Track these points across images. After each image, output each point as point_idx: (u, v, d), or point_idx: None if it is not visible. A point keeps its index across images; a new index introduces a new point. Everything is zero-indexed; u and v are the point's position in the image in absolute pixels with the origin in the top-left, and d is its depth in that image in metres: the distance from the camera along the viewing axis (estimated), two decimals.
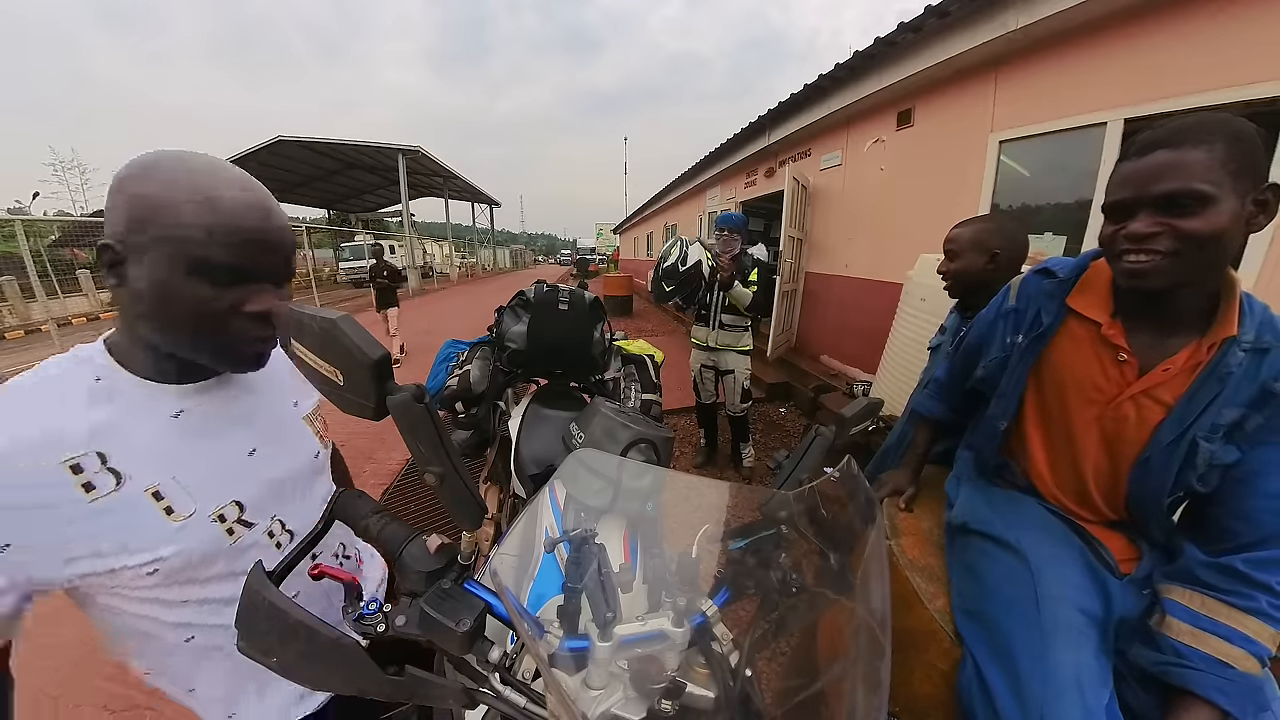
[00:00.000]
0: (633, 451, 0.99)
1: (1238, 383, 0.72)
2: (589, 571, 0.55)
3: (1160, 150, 0.68)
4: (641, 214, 17.79)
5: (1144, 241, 0.70)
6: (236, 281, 0.56)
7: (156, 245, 0.52)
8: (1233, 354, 0.72)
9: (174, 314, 0.54)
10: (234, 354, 0.60)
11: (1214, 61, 2.06)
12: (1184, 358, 0.75)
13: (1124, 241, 0.72)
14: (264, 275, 0.58)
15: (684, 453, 3.53)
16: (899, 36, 3.41)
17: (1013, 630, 0.79)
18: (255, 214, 0.56)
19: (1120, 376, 0.81)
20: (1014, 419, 0.97)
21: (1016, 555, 0.87)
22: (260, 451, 0.66)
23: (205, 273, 0.53)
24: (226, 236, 0.53)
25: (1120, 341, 0.81)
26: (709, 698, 0.54)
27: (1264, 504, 0.71)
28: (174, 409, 0.59)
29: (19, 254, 4.78)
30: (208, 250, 0.52)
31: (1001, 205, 3.18)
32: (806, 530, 0.68)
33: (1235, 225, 0.66)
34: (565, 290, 1.63)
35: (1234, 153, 0.65)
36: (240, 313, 0.56)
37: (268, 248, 0.57)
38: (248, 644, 0.46)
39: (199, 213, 0.52)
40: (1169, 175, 0.67)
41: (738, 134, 6.39)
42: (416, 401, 0.46)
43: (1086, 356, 0.86)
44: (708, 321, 2.91)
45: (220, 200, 0.53)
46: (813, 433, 0.78)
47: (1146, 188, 0.69)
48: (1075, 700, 0.70)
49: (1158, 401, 0.78)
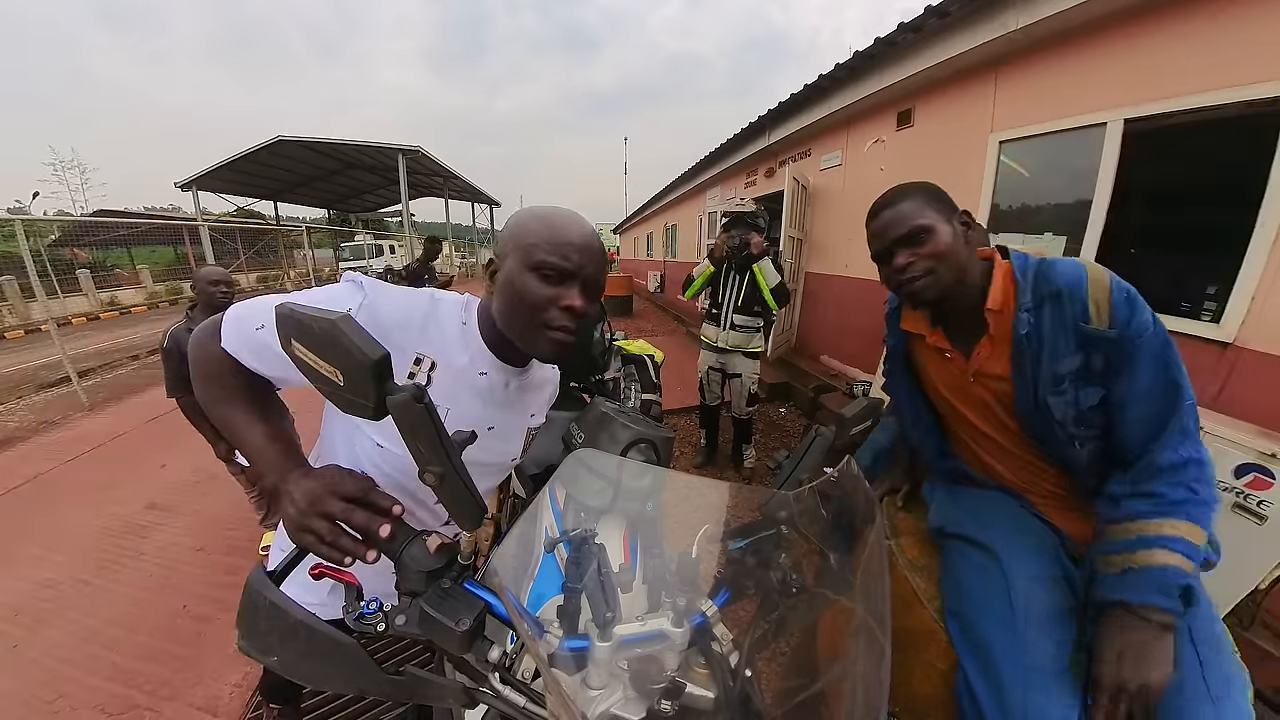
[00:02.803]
0: (633, 451, 0.99)
1: (1052, 335, 0.82)
2: (589, 571, 0.54)
3: (885, 210, 0.90)
4: (641, 214, 17.78)
5: (906, 271, 0.87)
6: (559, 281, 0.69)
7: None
8: (1018, 319, 0.84)
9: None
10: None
11: (1214, 61, 2.06)
12: (985, 342, 0.90)
13: (895, 275, 0.90)
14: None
15: (684, 453, 3.53)
16: (899, 36, 3.41)
17: (988, 628, 0.82)
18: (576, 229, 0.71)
19: (960, 369, 0.96)
20: (928, 423, 1.10)
21: (989, 554, 0.90)
22: (493, 431, 0.82)
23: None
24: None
25: (942, 344, 0.97)
26: (709, 698, 0.54)
27: (1134, 428, 0.79)
28: (483, 369, 0.77)
29: (19, 254, 4.76)
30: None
31: (1001, 205, 3.17)
32: (806, 530, 0.68)
33: (957, 239, 0.86)
34: None
35: (928, 195, 0.88)
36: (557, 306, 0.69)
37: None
38: (248, 643, 0.46)
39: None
40: (898, 223, 0.87)
41: (738, 134, 6.38)
42: (416, 401, 0.46)
43: (934, 362, 1.02)
44: (718, 321, 2.89)
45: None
46: (813, 433, 0.78)
47: (889, 234, 0.89)
48: (1051, 693, 0.71)
49: (993, 376, 0.91)
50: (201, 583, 2.26)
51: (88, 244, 15.51)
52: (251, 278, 16.39)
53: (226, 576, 2.29)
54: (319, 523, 0.54)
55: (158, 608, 2.10)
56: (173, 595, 2.17)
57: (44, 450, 3.89)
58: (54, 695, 1.68)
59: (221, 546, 2.53)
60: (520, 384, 0.85)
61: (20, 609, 2.11)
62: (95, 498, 3.09)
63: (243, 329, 0.65)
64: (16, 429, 4.41)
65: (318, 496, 0.55)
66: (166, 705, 1.64)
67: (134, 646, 1.89)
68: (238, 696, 1.67)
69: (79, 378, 5.09)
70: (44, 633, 1.97)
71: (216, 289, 2.16)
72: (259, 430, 0.66)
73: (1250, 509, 1.24)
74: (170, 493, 3.07)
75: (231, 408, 0.67)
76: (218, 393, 0.68)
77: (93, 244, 16.06)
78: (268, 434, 0.66)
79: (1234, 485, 1.26)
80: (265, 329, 0.63)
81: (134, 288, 15.58)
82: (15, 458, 3.77)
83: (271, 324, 0.61)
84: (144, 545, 2.57)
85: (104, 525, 2.76)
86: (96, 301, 13.02)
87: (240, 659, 1.78)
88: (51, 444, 4.02)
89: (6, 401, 5.24)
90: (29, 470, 3.51)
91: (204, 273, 2.19)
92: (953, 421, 1.05)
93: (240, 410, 0.67)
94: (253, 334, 0.65)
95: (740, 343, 2.88)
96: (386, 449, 0.73)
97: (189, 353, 0.69)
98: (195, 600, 2.14)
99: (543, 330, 0.70)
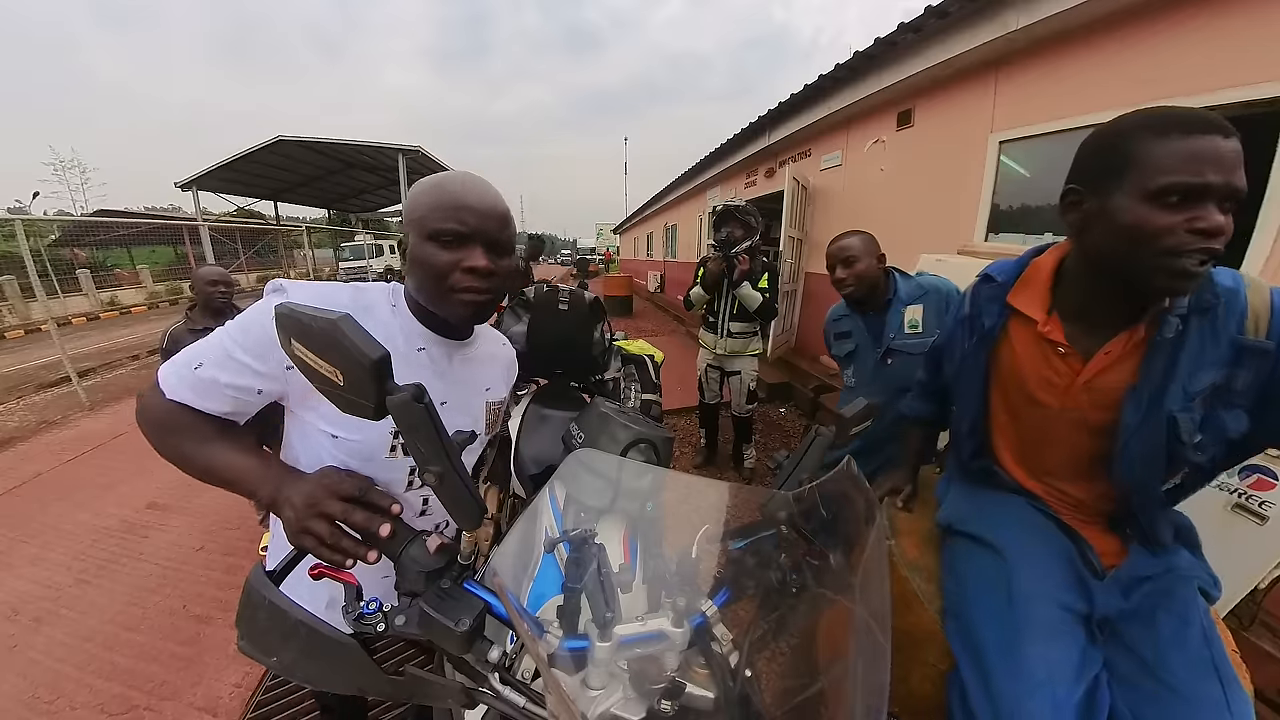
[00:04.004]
0: (633, 451, 0.99)
1: (1198, 346, 0.71)
2: (589, 571, 0.54)
3: (1216, 135, 0.60)
4: (641, 214, 17.79)
5: (1216, 238, 0.61)
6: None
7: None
8: (1167, 322, 0.72)
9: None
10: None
11: (1214, 61, 2.06)
12: (1122, 340, 0.76)
13: (1194, 237, 0.62)
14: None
15: (684, 453, 3.53)
16: (899, 37, 3.41)
17: (985, 627, 0.80)
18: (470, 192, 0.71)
19: (1067, 369, 0.82)
20: (980, 419, 0.98)
21: (995, 553, 0.88)
22: (447, 405, 0.80)
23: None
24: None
25: (1057, 337, 0.82)
26: (709, 698, 0.54)
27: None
28: (420, 345, 0.77)
29: (19, 254, 4.76)
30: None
31: (1001, 206, 3.17)
32: (806, 530, 0.68)
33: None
34: (565, 290, 1.63)
35: (1242, 151, 0.62)
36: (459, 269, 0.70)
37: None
38: (248, 643, 0.46)
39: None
40: (1237, 166, 0.60)
41: (738, 134, 6.38)
42: (416, 401, 0.45)
43: (1032, 354, 0.87)
44: (716, 329, 2.89)
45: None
46: (813, 433, 0.78)
47: (1228, 175, 0.60)
48: (1045, 696, 0.69)
49: (1109, 387, 0.78)
50: (201, 583, 2.25)
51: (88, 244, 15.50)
52: (251, 278, 16.37)
53: (226, 576, 2.29)
54: (319, 524, 0.54)
55: (158, 608, 2.10)
56: (173, 595, 2.17)
57: (44, 450, 3.89)
58: (54, 695, 1.68)
59: (221, 546, 2.53)
60: (465, 356, 0.85)
61: (20, 609, 2.11)
62: (95, 497, 3.08)
63: (182, 375, 0.65)
64: (16, 429, 4.41)
65: (316, 498, 0.55)
66: (166, 705, 1.64)
67: (134, 646, 1.89)
68: (238, 696, 1.67)
69: (79, 378, 5.09)
70: (43, 632, 1.97)
71: (215, 289, 2.16)
72: (233, 456, 0.66)
73: (1251, 509, 1.24)
74: (170, 493, 3.07)
75: (198, 447, 0.66)
76: (178, 439, 0.66)
77: (93, 244, 16.05)
78: (243, 456, 0.66)
79: (1236, 485, 1.26)
80: (204, 366, 0.64)
81: (134, 288, 15.57)
82: (15, 457, 3.77)
83: (210, 360, 0.64)
84: (144, 545, 2.56)
85: (104, 525, 2.76)
86: (96, 301, 13.01)
87: (240, 659, 1.78)
88: (51, 444, 4.02)
89: (6, 401, 5.24)
90: (29, 470, 3.51)
91: (203, 273, 2.19)
92: (1012, 424, 0.94)
93: (206, 446, 0.66)
94: (193, 375, 0.65)
95: (738, 349, 2.89)
96: (342, 438, 0.72)
97: (139, 422, 0.68)
98: (195, 600, 2.14)
99: (452, 295, 0.71)
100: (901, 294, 1.65)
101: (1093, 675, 0.73)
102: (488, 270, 0.70)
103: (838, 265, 1.65)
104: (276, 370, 0.66)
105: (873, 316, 1.70)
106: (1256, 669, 0.77)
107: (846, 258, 1.64)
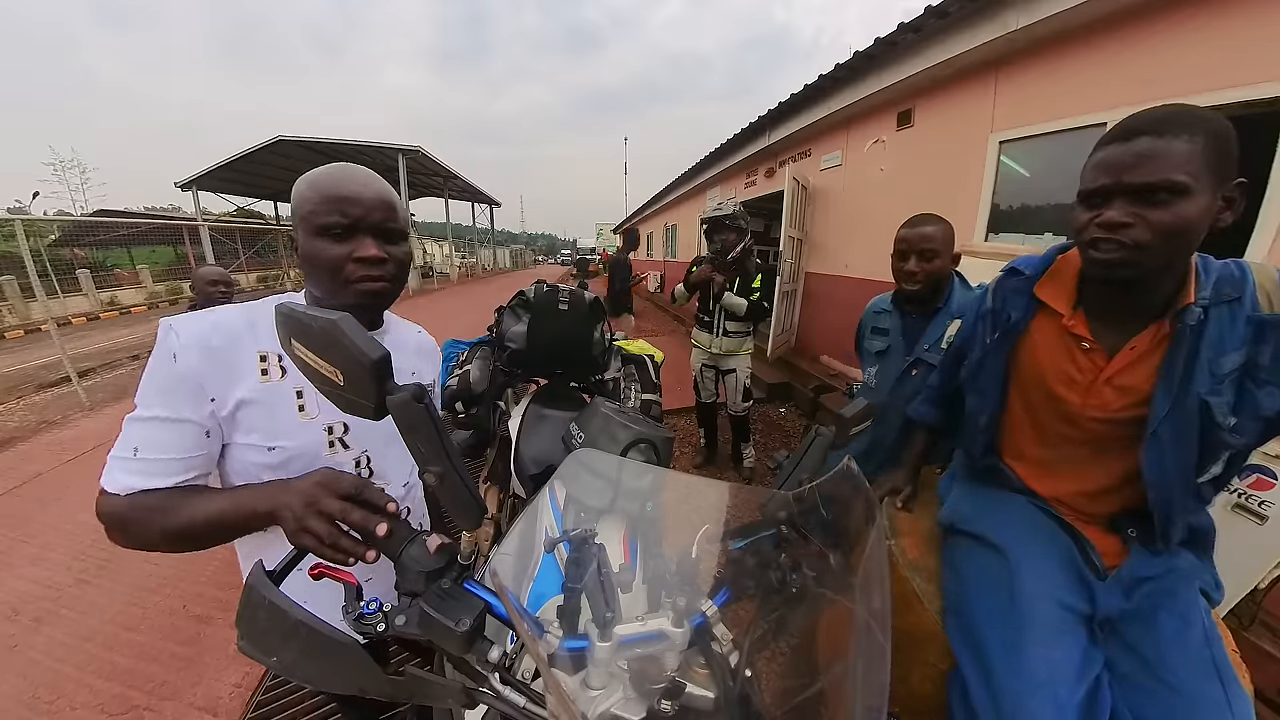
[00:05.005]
0: (633, 451, 0.99)
1: (1218, 332, 0.73)
2: (589, 571, 0.54)
3: (1144, 137, 0.67)
4: (641, 214, 17.79)
5: (1116, 231, 0.70)
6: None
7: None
8: (1190, 313, 0.74)
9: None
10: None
11: (1214, 61, 2.06)
12: (1148, 336, 0.78)
13: (1096, 229, 0.72)
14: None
15: (684, 453, 3.53)
16: (899, 37, 3.41)
17: (987, 626, 0.80)
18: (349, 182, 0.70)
19: (1091, 365, 0.83)
20: (996, 415, 0.98)
21: (997, 552, 0.88)
22: None
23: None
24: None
25: (1082, 331, 0.83)
26: (709, 698, 0.54)
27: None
28: None
29: (19, 254, 4.76)
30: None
31: (1001, 206, 3.18)
32: (806, 530, 0.68)
33: (1204, 220, 0.68)
34: (565, 290, 1.63)
35: (1215, 147, 0.66)
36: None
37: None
38: (248, 643, 0.46)
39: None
40: (1149, 164, 0.66)
41: (738, 134, 6.38)
42: (416, 401, 0.46)
43: (1056, 348, 0.88)
44: (711, 328, 2.90)
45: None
46: (813, 433, 0.78)
47: (1125, 176, 0.68)
48: (1047, 696, 0.70)
49: (1134, 382, 0.79)
50: (201, 583, 2.25)
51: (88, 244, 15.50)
52: (251, 278, 16.38)
53: (226, 576, 2.28)
54: (318, 523, 0.54)
55: (158, 608, 2.10)
56: (173, 595, 2.17)
57: (44, 450, 3.89)
58: (54, 695, 1.68)
59: (221, 546, 2.53)
60: (388, 346, 0.85)
61: (20, 609, 2.10)
62: (95, 497, 3.08)
63: (126, 467, 0.65)
64: (16, 429, 4.40)
65: (314, 496, 0.55)
66: (166, 705, 1.64)
67: (134, 646, 1.89)
68: (238, 696, 1.67)
69: (79, 378, 5.09)
70: (43, 632, 1.97)
71: (215, 289, 2.17)
72: (215, 500, 0.65)
73: (1251, 509, 1.24)
74: None
75: (176, 514, 0.64)
76: (153, 520, 0.64)
77: (93, 244, 16.05)
78: (223, 494, 0.66)
79: (1236, 485, 1.26)
80: (140, 449, 0.64)
81: (134, 287, 15.56)
82: (15, 457, 3.77)
83: (145, 444, 0.65)
84: None
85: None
86: (96, 301, 13.01)
87: (240, 659, 1.78)
88: (51, 444, 4.02)
89: (6, 401, 5.24)
90: (29, 470, 3.51)
91: (202, 272, 2.20)
92: (1030, 421, 0.93)
93: (185, 509, 0.64)
94: (134, 463, 0.64)
95: (733, 348, 2.90)
96: (280, 447, 0.71)
97: (112, 536, 0.67)
98: (195, 600, 2.14)
99: (349, 286, 0.71)
100: (954, 304, 1.43)
101: (1094, 675, 0.73)
102: (378, 258, 0.71)
103: (912, 255, 1.40)
104: (200, 400, 0.66)
105: (914, 320, 1.51)
106: (1256, 669, 0.77)
107: (924, 249, 1.38)
